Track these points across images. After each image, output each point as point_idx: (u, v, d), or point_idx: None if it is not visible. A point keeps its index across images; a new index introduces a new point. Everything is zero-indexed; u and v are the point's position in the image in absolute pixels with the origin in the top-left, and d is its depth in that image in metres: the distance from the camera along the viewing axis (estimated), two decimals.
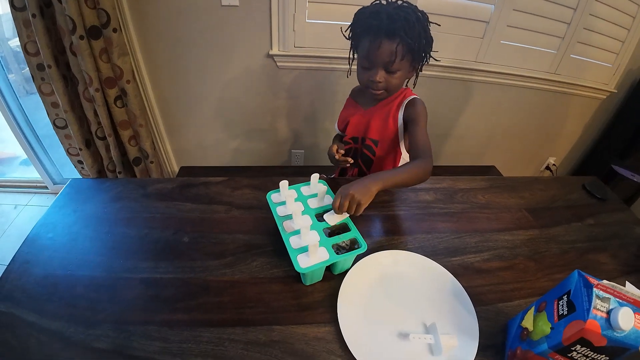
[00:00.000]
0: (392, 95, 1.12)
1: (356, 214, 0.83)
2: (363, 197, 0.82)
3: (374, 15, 0.96)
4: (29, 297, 0.75)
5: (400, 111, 1.11)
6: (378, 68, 1.01)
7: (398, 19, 0.93)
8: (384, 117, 1.13)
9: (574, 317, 0.52)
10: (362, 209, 0.83)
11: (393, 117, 1.12)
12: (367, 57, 1.02)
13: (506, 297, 0.80)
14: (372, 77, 1.03)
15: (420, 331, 0.72)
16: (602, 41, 1.93)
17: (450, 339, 0.67)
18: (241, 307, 0.74)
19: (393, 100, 1.12)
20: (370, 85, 1.06)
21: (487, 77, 1.95)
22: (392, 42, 0.95)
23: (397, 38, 0.95)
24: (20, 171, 2.59)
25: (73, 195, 1.04)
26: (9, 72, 2.03)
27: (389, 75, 1.02)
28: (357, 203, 0.82)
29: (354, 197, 0.82)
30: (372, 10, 0.98)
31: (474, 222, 1.00)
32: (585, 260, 0.92)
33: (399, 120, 1.11)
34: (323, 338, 0.69)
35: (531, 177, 1.25)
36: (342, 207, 0.82)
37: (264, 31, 1.70)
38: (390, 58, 0.97)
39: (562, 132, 2.39)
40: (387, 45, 0.96)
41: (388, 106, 1.13)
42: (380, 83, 1.03)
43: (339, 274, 0.81)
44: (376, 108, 1.15)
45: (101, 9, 1.45)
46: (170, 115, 2.06)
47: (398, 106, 1.11)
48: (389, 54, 0.97)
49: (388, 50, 0.96)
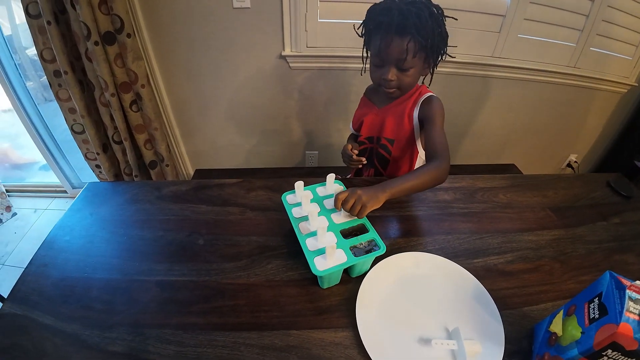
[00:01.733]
0: (407, 93, 1.09)
1: (358, 216, 0.81)
2: (369, 201, 0.81)
3: (385, 12, 0.94)
4: (45, 299, 0.76)
5: (415, 109, 1.08)
6: (390, 66, 1.00)
7: (409, 15, 0.91)
8: (399, 115, 1.11)
9: (606, 320, 0.50)
10: (365, 212, 0.81)
11: (408, 116, 1.09)
12: (378, 55, 1.00)
13: (532, 300, 0.76)
14: (384, 75, 1.01)
15: (442, 336, 0.69)
16: (621, 33, 1.88)
17: (474, 345, 0.65)
18: (257, 311, 0.73)
19: (408, 99, 1.10)
20: (382, 84, 1.04)
21: (504, 72, 1.91)
22: (402, 39, 0.93)
23: (408, 35, 0.92)
24: (40, 176, 2.65)
25: (90, 198, 1.05)
26: (27, 79, 2.08)
27: (402, 73, 1.00)
28: (362, 204, 0.80)
29: (361, 198, 0.80)
30: (384, 7, 0.96)
31: (495, 222, 0.97)
32: (612, 261, 0.88)
33: (415, 119, 1.09)
34: (341, 343, 0.67)
35: (553, 175, 1.21)
36: (346, 203, 0.80)
37: (276, 32, 1.70)
38: (401, 55, 0.95)
39: (583, 128, 2.32)
40: (398, 43, 0.94)
41: (403, 104, 1.10)
42: (393, 81, 1.01)
43: (356, 276, 0.79)
44: (390, 106, 1.13)
45: (115, 15, 1.47)
46: (184, 118, 2.07)
47: (413, 104, 1.09)
48: (400, 52, 0.94)
49: (399, 47, 0.94)
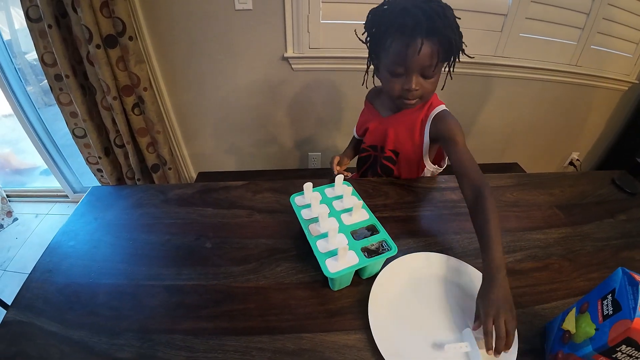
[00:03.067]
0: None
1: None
2: (512, 308, 0.65)
3: (405, 13, 0.83)
4: (50, 306, 0.75)
5: (427, 124, 1.00)
6: (413, 74, 0.89)
7: (434, 15, 0.81)
8: (407, 129, 1.04)
9: (620, 316, 0.50)
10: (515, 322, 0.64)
11: (420, 130, 1.02)
12: (401, 63, 0.88)
13: (542, 299, 0.76)
14: (406, 85, 0.91)
15: (455, 337, 0.68)
16: (622, 31, 1.89)
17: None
18: (267, 315, 0.72)
19: (417, 111, 1.02)
20: (403, 95, 0.94)
21: (506, 71, 1.91)
22: (432, 43, 0.84)
23: (437, 37, 0.83)
24: (41, 181, 2.64)
25: (94, 203, 1.04)
26: (27, 84, 2.07)
27: (425, 80, 0.91)
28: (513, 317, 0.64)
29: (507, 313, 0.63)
30: (401, 7, 0.84)
31: (503, 221, 0.96)
32: (621, 258, 0.88)
33: (426, 134, 1.01)
34: (354, 346, 0.67)
35: (559, 173, 1.21)
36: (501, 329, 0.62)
37: (278, 34, 1.69)
38: (430, 61, 0.86)
39: (584, 126, 2.33)
40: (428, 47, 0.84)
41: (411, 117, 1.02)
42: (417, 90, 0.91)
43: (367, 278, 0.78)
44: (396, 117, 1.06)
45: (117, 18, 1.47)
46: (186, 121, 2.07)
47: (425, 118, 1.01)
48: (430, 57, 0.85)
49: (429, 52, 0.84)
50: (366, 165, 1.23)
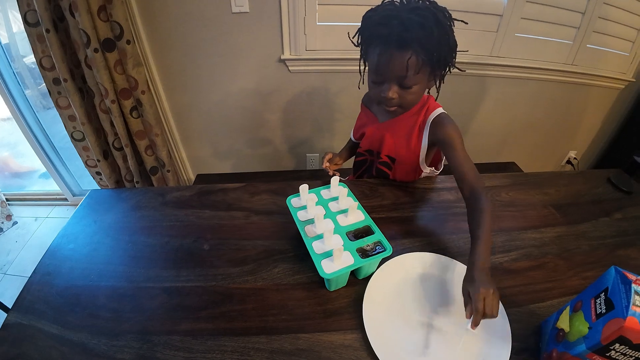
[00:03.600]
0: (411, 109, 1.00)
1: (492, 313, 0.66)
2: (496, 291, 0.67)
3: (384, 21, 0.82)
4: (51, 308, 0.76)
5: (425, 130, 0.99)
6: (390, 83, 0.89)
7: (411, 25, 0.78)
8: (405, 135, 1.03)
9: (613, 315, 0.51)
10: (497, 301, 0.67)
11: (417, 135, 1.01)
12: (376, 71, 0.89)
13: (538, 297, 0.77)
14: (383, 93, 0.90)
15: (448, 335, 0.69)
16: (618, 30, 1.89)
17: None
18: (265, 315, 0.73)
19: (415, 115, 1.01)
20: (382, 101, 0.94)
21: (502, 71, 1.91)
22: (403, 55, 0.81)
23: (410, 49, 0.81)
24: (40, 184, 2.64)
25: (93, 205, 1.05)
26: (25, 88, 2.08)
27: (404, 90, 0.89)
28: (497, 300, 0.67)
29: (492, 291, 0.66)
30: (382, 15, 0.83)
31: (499, 220, 0.97)
32: (616, 256, 0.88)
33: (424, 139, 1.00)
34: (350, 345, 0.67)
35: (555, 172, 1.22)
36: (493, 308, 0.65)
37: (275, 36, 1.70)
38: (402, 72, 0.84)
39: (581, 125, 2.33)
40: (399, 58, 0.82)
41: (408, 121, 1.02)
42: (394, 99, 0.91)
43: (363, 278, 0.79)
44: (393, 122, 1.05)
45: (114, 22, 1.47)
46: (184, 123, 2.08)
47: (422, 123, 1.00)
48: (401, 68, 0.83)
49: (400, 63, 0.82)
50: (362, 169, 1.23)
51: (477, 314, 0.64)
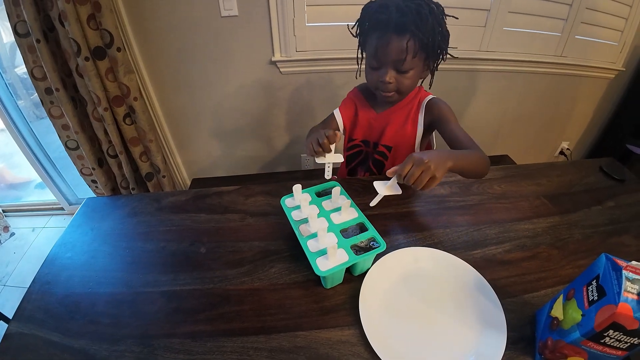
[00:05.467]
0: (407, 97, 1.05)
1: (425, 189, 0.74)
2: (439, 170, 0.73)
3: (382, 9, 0.88)
4: (51, 317, 0.76)
5: (420, 114, 1.04)
6: (387, 67, 0.94)
7: (408, 12, 0.85)
8: (401, 122, 1.07)
9: (605, 301, 0.51)
10: (434, 184, 0.74)
11: (412, 121, 1.05)
12: (375, 56, 0.94)
13: (532, 287, 0.78)
14: (381, 78, 0.95)
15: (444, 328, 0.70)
16: (606, 20, 1.91)
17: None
18: (263, 315, 0.74)
19: (410, 102, 1.06)
20: (379, 87, 0.98)
21: (492, 65, 1.93)
22: (402, 38, 0.87)
23: (408, 33, 0.87)
24: (36, 194, 2.63)
25: (89, 214, 1.05)
26: (18, 98, 2.07)
27: (400, 75, 0.95)
28: (431, 175, 0.73)
29: (430, 168, 0.72)
30: (380, 4, 0.90)
31: (492, 213, 0.98)
32: (609, 244, 0.89)
33: (420, 124, 1.05)
34: (348, 341, 0.68)
35: (546, 163, 1.22)
36: (412, 176, 0.72)
37: (265, 38, 1.71)
38: (400, 56, 0.89)
39: (573, 116, 2.35)
40: (397, 42, 0.88)
41: (405, 109, 1.06)
42: (391, 84, 0.95)
43: (359, 274, 0.80)
44: (391, 111, 1.08)
45: (104, 30, 1.48)
46: (178, 128, 2.08)
47: (417, 109, 1.05)
48: (399, 52, 0.89)
49: (398, 47, 0.88)
50: (356, 161, 1.23)
51: (398, 175, 0.75)
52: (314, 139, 0.92)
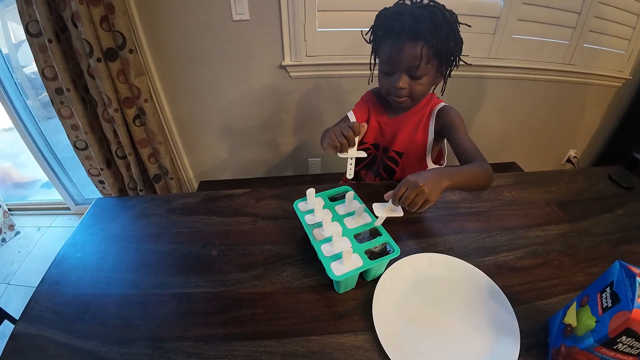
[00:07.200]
0: (419, 104, 1.05)
1: (419, 210, 0.75)
2: (432, 193, 0.73)
3: (396, 16, 0.89)
4: (60, 317, 0.76)
5: (431, 121, 1.05)
6: (401, 73, 0.94)
7: (422, 19, 0.86)
8: (412, 129, 1.07)
9: (619, 308, 0.51)
10: (427, 206, 0.75)
11: (423, 128, 1.06)
12: (388, 62, 0.95)
13: (544, 294, 0.78)
14: (394, 84, 0.95)
15: (458, 334, 0.70)
16: (614, 28, 1.91)
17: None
18: (275, 319, 0.74)
19: (422, 109, 1.06)
20: (392, 92, 0.98)
21: (500, 72, 1.93)
22: (415, 45, 0.88)
23: (422, 40, 0.87)
24: (42, 194, 2.65)
25: (99, 214, 1.06)
26: (26, 98, 2.09)
27: (413, 81, 0.95)
28: (425, 199, 0.73)
29: (424, 191, 0.72)
30: (394, 11, 0.91)
31: (503, 219, 0.98)
32: (620, 252, 0.89)
33: (430, 131, 1.05)
34: (361, 346, 0.68)
35: (556, 171, 1.23)
36: (407, 199, 0.73)
37: (276, 43, 1.71)
38: (414, 62, 0.90)
39: (580, 123, 2.35)
40: (411, 48, 0.88)
41: (417, 115, 1.07)
42: (404, 89, 0.96)
43: (371, 280, 0.80)
44: (403, 117, 1.09)
45: (117, 31, 1.48)
46: (187, 131, 2.09)
47: (429, 115, 1.05)
48: (413, 58, 0.89)
49: (412, 53, 0.89)
50: (363, 163, 1.22)
51: (393, 198, 0.75)
52: (337, 131, 0.89)
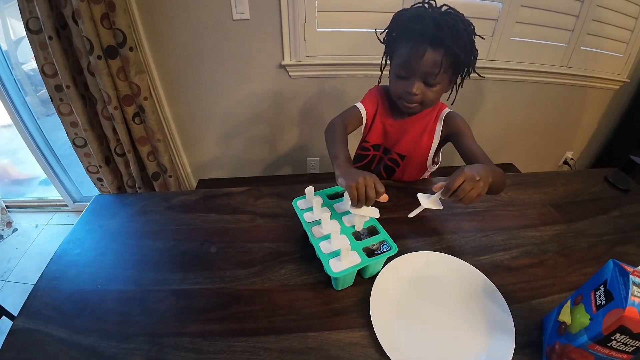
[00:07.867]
0: (427, 109, 1.04)
1: (468, 202, 0.73)
2: (485, 188, 0.73)
3: (417, 19, 0.86)
4: (59, 313, 0.76)
5: (438, 126, 1.05)
6: (416, 79, 0.92)
7: (445, 25, 0.83)
8: (418, 133, 1.06)
9: (613, 305, 0.52)
10: (478, 199, 0.74)
11: (429, 133, 1.05)
12: (405, 66, 0.92)
13: (539, 293, 0.79)
14: (407, 89, 0.93)
15: (453, 331, 0.71)
16: (612, 31, 1.92)
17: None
18: (273, 315, 0.74)
19: (428, 114, 1.06)
20: (404, 97, 0.96)
21: (498, 74, 1.94)
22: (436, 52, 0.86)
23: (443, 48, 0.85)
24: (40, 191, 2.64)
25: (98, 211, 1.06)
26: (25, 94, 2.08)
27: (427, 88, 0.93)
28: (479, 192, 0.72)
29: (480, 186, 0.72)
30: (415, 14, 0.88)
31: (499, 219, 0.99)
32: (614, 253, 0.90)
33: (437, 136, 1.05)
34: (358, 343, 0.69)
35: (553, 172, 1.24)
36: (463, 192, 0.72)
37: (276, 42, 1.72)
38: (432, 69, 0.88)
39: (578, 126, 2.36)
40: (431, 55, 0.86)
41: (423, 120, 1.06)
42: (417, 96, 0.94)
43: (369, 277, 0.81)
44: (409, 121, 1.08)
45: (117, 29, 1.49)
46: (186, 129, 2.09)
47: (435, 120, 1.05)
48: (432, 65, 0.87)
49: (432, 60, 0.86)
50: (363, 162, 1.22)
51: (446, 190, 0.74)
52: (361, 186, 0.77)
